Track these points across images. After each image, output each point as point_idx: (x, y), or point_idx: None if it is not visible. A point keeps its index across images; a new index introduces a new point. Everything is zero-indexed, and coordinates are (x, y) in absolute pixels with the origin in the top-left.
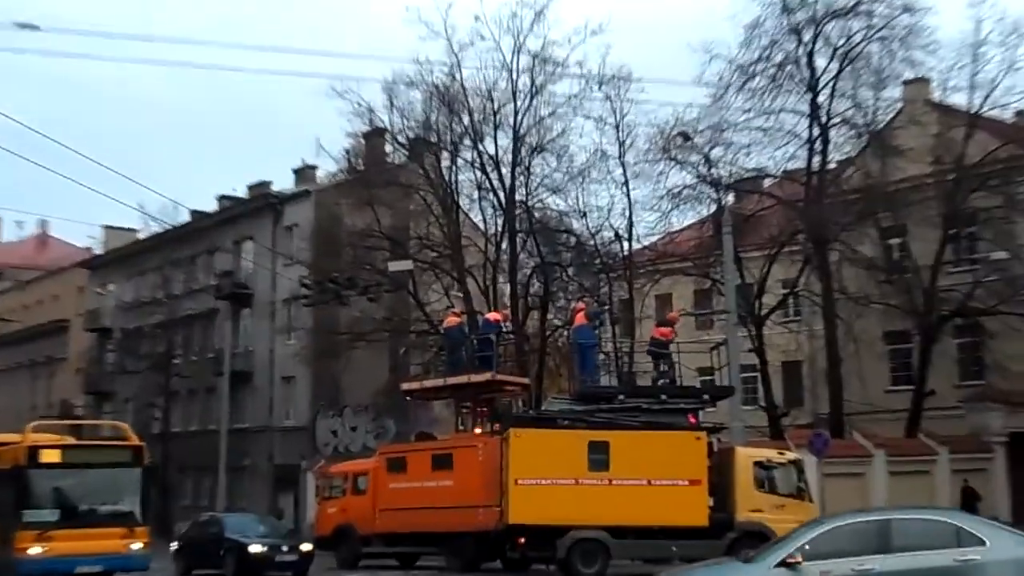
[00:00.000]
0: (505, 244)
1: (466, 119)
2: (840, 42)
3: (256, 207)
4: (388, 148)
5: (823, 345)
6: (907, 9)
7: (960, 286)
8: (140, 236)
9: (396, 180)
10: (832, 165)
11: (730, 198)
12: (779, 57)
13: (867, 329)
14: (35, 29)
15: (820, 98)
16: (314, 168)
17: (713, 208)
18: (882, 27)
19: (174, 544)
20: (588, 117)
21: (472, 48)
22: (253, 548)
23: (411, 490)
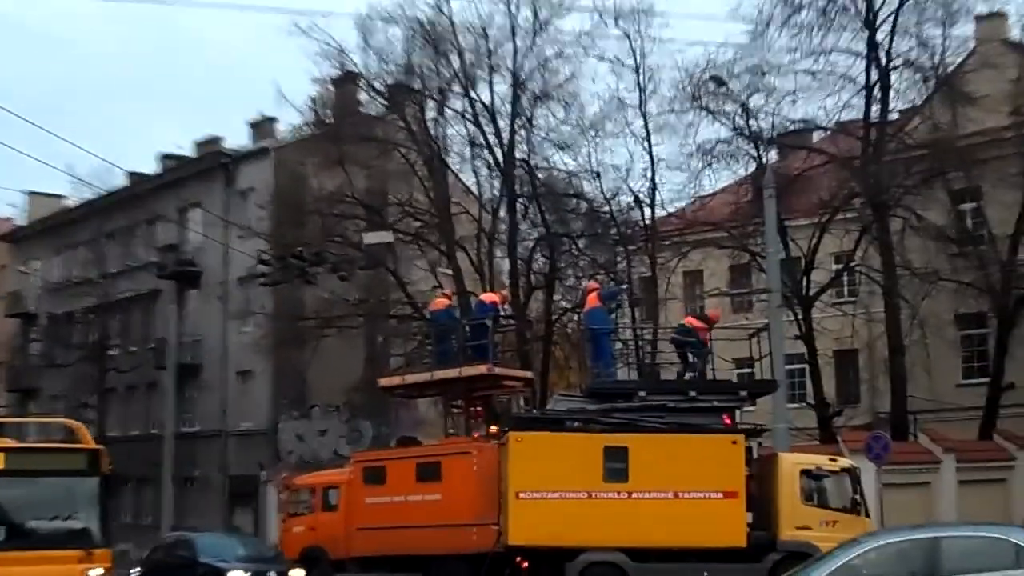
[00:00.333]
0: (503, 211)
1: (456, 61)
2: None
3: (205, 168)
4: (362, 96)
5: (883, 331)
6: None
7: None
8: (69, 204)
9: (372, 135)
10: (893, 115)
11: (772, 155)
12: None
13: (935, 311)
14: None
15: (879, 36)
16: (273, 121)
17: (752, 167)
18: None
19: (135, 571)
20: (602, 58)
21: None
22: (233, 575)
23: (392, 506)
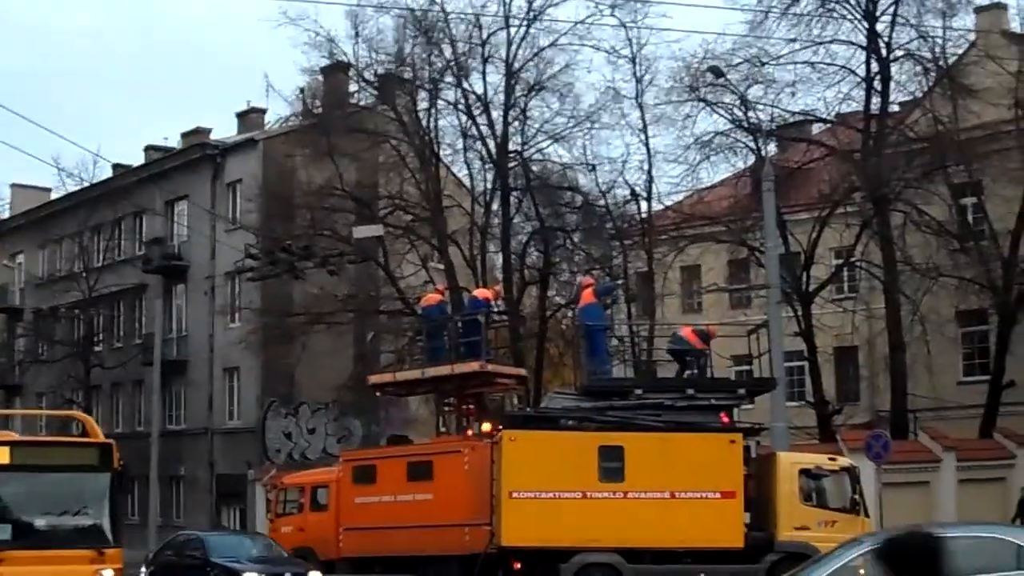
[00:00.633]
0: (496, 205)
1: (448, 51)
2: None
3: (192, 160)
4: (352, 87)
5: (883, 328)
6: None
7: None
8: (54, 196)
9: (362, 126)
10: (894, 108)
11: (772, 148)
12: None
13: (936, 308)
14: None
15: (879, 26)
16: (262, 112)
17: (751, 160)
18: None
19: (143, 571)
20: (598, 49)
21: None
22: None
23: (382, 505)
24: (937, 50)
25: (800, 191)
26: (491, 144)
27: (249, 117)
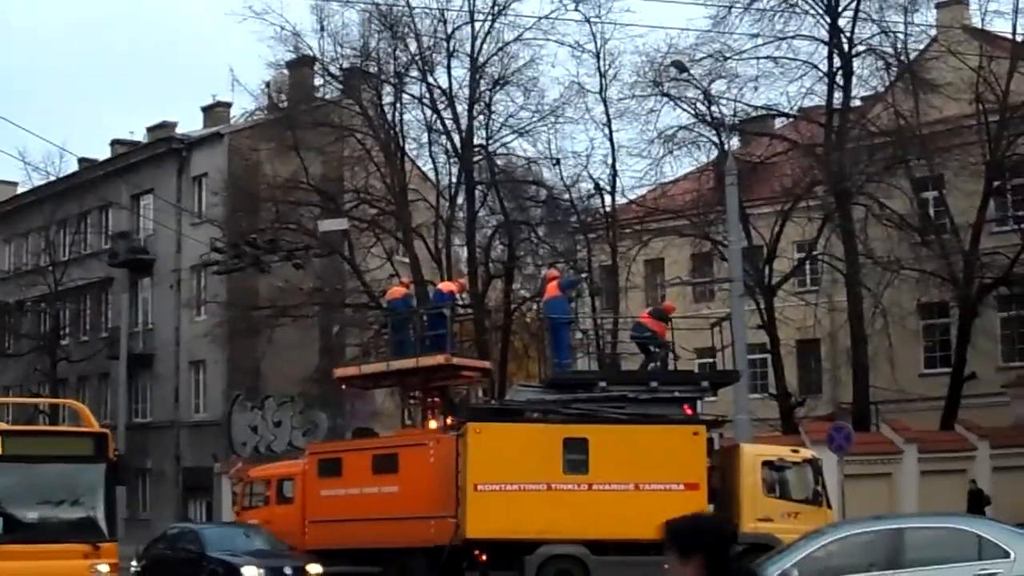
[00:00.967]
0: (461, 198)
1: (413, 45)
2: None
3: (157, 154)
4: (318, 81)
5: (845, 320)
6: None
7: (1005, 248)
8: (20, 190)
9: (327, 120)
10: (856, 102)
11: (735, 142)
12: None
13: (898, 301)
14: None
15: (841, 22)
16: (227, 106)
17: (714, 154)
18: None
19: (133, 565)
20: (562, 43)
21: None
22: (248, 571)
23: (348, 498)
24: (899, 45)
25: (763, 185)
26: (456, 138)
27: (215, 111)
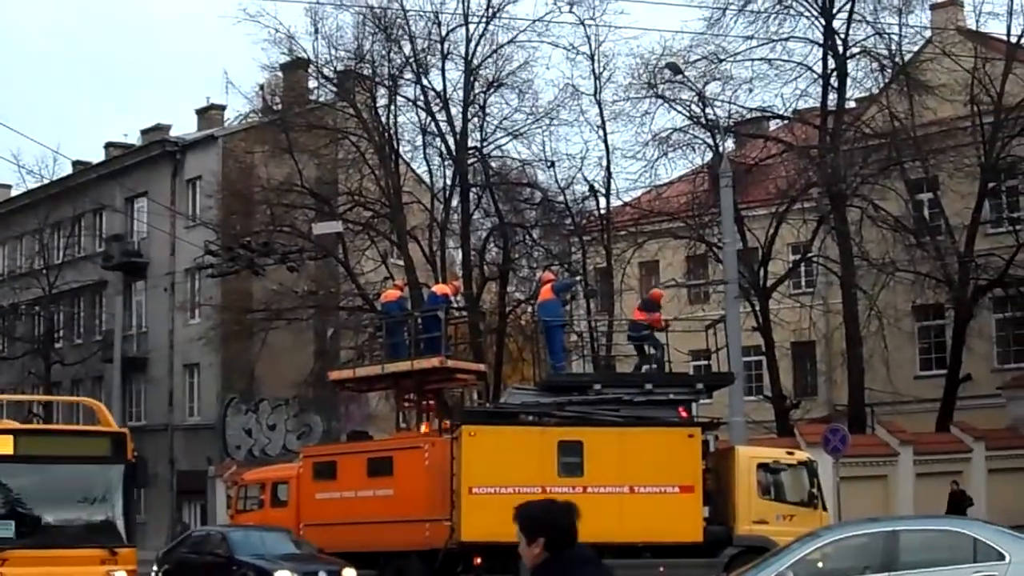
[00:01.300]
0: (456, 201)
1: (407, 48)
2: None
3: (151, 156)
4: (312, 83)
5: (840, 322)
6: None
7: (1000, 250)
8: (14, 193)
9: (321, 122)
10: (850, 104)
11: (729, 144)
12: None
13: (893, 303)
14: None
15: (836, 23)
16: (221, 108)
17: (709, 156)
18: None
19: (154, 571)
20: (556, 45)
21: None
22: (281, 575)
23: (342, 501)
24: (893, 47)
25: (758, 187)
26: (450, 141)
27: (209, 114)
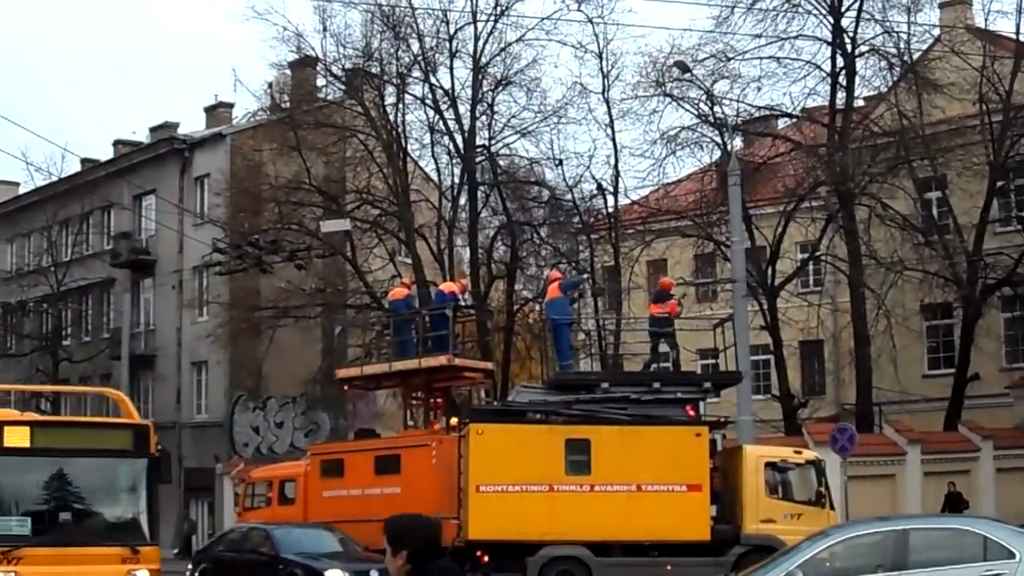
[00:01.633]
0: (463, 199)
1: (415, 46)
2: None
3: (159, 154)
4: (320, 81)
5: (848, 321)
6: None
7: (1009, 249)
8: (22, 191)
9: (330, 120)
10: (859, 103)
11: (737, 142)
12: None
13: (901, 302)
14: None
15: (844, 22)
16: (230, 106)
17: (717, 155)
18: None
19: (188, 569)
20: (565, 43)
21: None
22: (332, 575)
23: (350, 499)
24: (902, 45)
25: (766, 186)
26: (458, 139)
27: (217, 111)
